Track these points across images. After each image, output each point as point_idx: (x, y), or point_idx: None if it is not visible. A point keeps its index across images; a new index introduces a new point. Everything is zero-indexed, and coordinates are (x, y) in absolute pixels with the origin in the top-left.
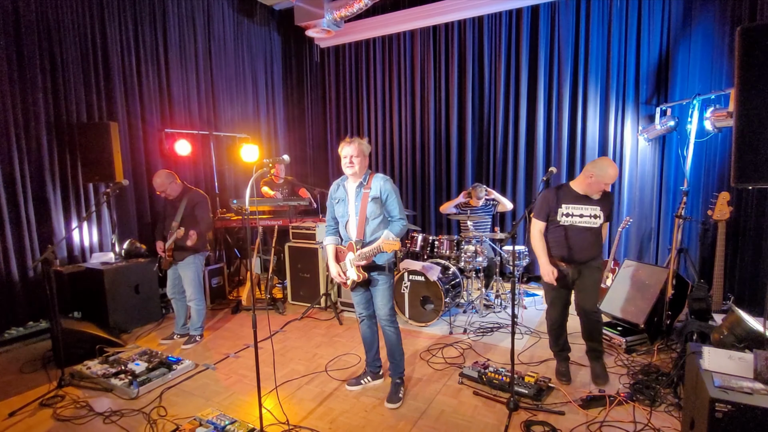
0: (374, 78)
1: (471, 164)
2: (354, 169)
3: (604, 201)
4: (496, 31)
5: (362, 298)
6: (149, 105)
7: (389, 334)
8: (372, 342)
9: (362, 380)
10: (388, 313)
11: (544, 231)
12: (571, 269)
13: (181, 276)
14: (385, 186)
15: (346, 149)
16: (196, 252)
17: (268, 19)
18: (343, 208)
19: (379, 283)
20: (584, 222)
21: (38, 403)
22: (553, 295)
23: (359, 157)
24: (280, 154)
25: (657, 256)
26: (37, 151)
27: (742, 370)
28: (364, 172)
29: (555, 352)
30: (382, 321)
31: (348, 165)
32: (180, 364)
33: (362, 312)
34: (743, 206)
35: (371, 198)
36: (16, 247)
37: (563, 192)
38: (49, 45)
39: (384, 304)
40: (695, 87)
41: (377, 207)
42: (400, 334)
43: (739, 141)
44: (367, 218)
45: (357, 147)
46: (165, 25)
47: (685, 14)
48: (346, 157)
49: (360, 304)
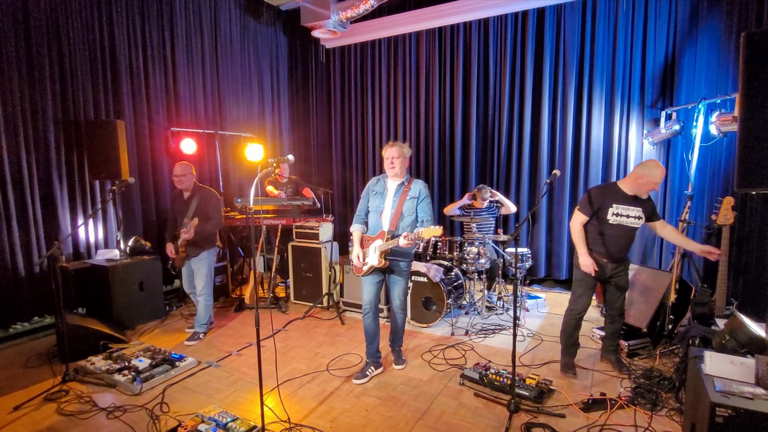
0: (379, 79)
1: (475, 166)
2: (395, 170)
3: (647, 202)
4: (502, 33)
5: (373, 288)
6: (156, 104)
7: (399, 319)
8: (375, 334)
9: (367, 371)
10: (403, 302)
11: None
12: (611, 265)
13: (193, 270)
14: (422, 190)
15: (389, 151)
16: (210, 247)
17: (275, 20)
18: (378, 201)
19: (402, 273)
20: (630, 222)
21: (43, 398)
22: (585, 286)
23: (400, 159)
24: (285, 153)
25: (661, 261)
26: (44, 148)
27: (743, 375)
28: (404, 174)
29: (568, 345)
30: (396, 308)
31: (390, 166)
32: (183, 361)
33: (370, 302)
34: (747, 211)
35: (410, 197)
36: (23, 243)
37: (614, 192)
38: (58, 44)
39: (400, 295)
40: (701, 91)
41: (412, 206)
42: (405, 318)
43: (742, 146)
44: (403, 214)
45: (399, 150)
46: (172, 25)
47: (692, 18)
48: (388, 159)
49: (369, 294)
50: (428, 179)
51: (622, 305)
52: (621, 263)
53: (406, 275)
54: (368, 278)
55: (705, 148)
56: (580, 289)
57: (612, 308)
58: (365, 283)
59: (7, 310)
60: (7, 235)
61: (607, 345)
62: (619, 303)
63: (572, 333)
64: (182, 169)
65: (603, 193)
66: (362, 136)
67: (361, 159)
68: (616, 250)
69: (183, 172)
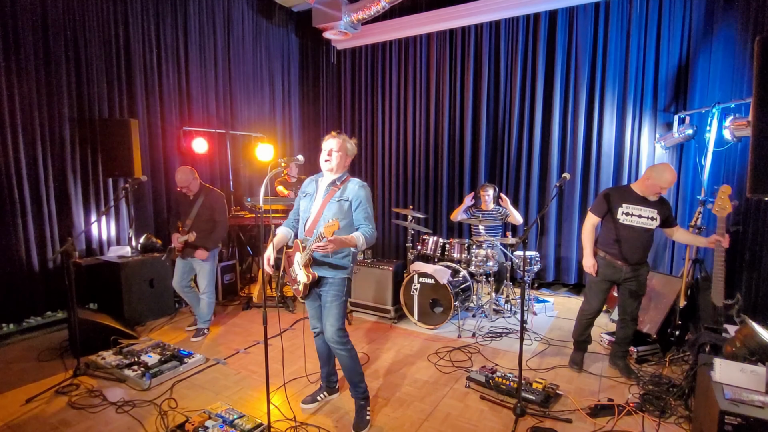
0: (390, 80)
1: (484, 168)
2: (331, 164)
3: (662, 205)
4: (513, 35)
5: (315, 311)
6: (169, 103)
7: (342, 358)
8: (328, 357)
9: (318, 396)
10: (336, 333)
11: (597, 227)
12: (626, 268)
13: (195, 268)
14: (359, 192)
15: (327, 142)
16: (214, 247)
17: (287, 21)
18: (307, 204)
19: (328, 295)
20: (643, 223)
21: (54, 391)
22: (596, 289)
23: (339, 153)
24: (295, 154)
25: (672, 266)
26: (60, 146)
27: (753, 384)
28: (341, 172)
29: (579, 341)
30: (330, 344)
31: (325, 158)
32: (191, 357)
33: (316, 326)
34: (762, 217)
35: (337, 199)
36: (38, 239)
37: (625, 192)
38: (74, 43)
39: (332, 323)
40: (715, 95)
41: (340, 211)
42: (356, 354)
43: (755, 151)
44: (325, 218)
45: (340, 142)
46: (186, 25)
47: (707, 21)
48: (325, 150)
49: (314, 317)
50: (437, 181)
51: (634, 311)
52: (638, 267)
53: (338, 294)
54: (308, 302)
55: (718, 152)
56: (591, 291)
57: (624, 312)
58: (306, 304)
59: (20, 304)
60: (22, 230)
61: (616, 350)
62: (631, 308)
63: (583, 331)
64: (184, 178)
65: (615, 193)
66: (372, 138)
67: (370, 160)
68: (630, 253)
69: (185, 182)
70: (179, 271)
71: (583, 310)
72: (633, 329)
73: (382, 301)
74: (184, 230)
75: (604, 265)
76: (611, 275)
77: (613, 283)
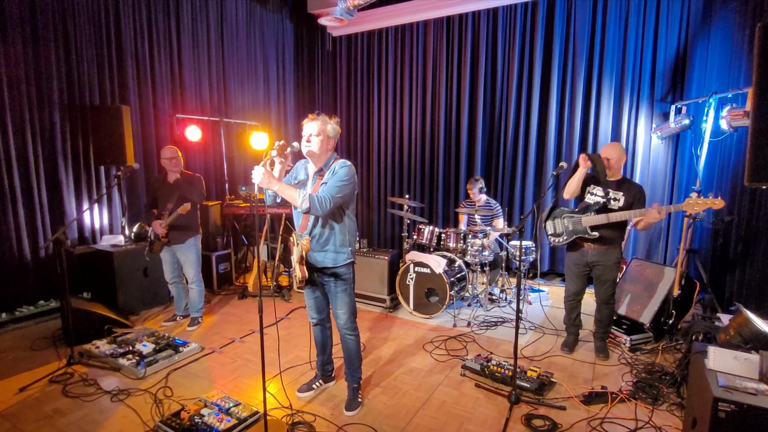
0: (386, 68)
1: (481, 157)
2: (311, 148)
3: (628, 188)
4: (511, 23)
5: (313, 302)
6: (161, 90)
7: (350, 343)
8: (325, 345)
9: (314, 384)
10: (349, 320)
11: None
12: (591, 250)
13: (180, 260)
14: (338, 171)
15: (307, 126)
16: (194, 234)
17: (281, 6)
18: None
19: (336, 285)
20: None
21: (48, 380)
22: (570, 272)
23: (320, 137)
24: (290, 142)
25: (666, 256)
26: (50, 134)
27: (747, 371)
28: (326, 157)
29: (569, 325)
30: (342, 330)
31: (305, 144)
32: (186, 346)
33: (314, 316)
34: (755, 207)
35: (324, 183)
36: (29, 227)
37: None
38: (63, 28)
39: (344, 311)
40: (712, 85)
41: None
42: (360, 339)
43: (754, 140)
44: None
45: (320, 125)
46: (178, 11)
47: (705, 10)
48: (305, 135)
49: (311, 308)
50: (433, 170)
51: (603, 294)
52: (605, 252)
53: (344, 281)
54: (307, 292)
55: (714, 143)
56: (567, 275)
57: (597, 295)
58: (306, 296)
59: (12, 293)
60: (13, 219)
61: (595, 331)
62: (600, 291)
63: (568, 315)
64: (171, 152)
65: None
66: (368, 126)
67: (366, 149)
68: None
69: (172, 155)
70: (167, 266)
71: (565, 294)
72: (607, 312)
73: (378, 290)
74: (165, 215)
75: (571, 249)
76: (578, 258)
77: (587, 266)
